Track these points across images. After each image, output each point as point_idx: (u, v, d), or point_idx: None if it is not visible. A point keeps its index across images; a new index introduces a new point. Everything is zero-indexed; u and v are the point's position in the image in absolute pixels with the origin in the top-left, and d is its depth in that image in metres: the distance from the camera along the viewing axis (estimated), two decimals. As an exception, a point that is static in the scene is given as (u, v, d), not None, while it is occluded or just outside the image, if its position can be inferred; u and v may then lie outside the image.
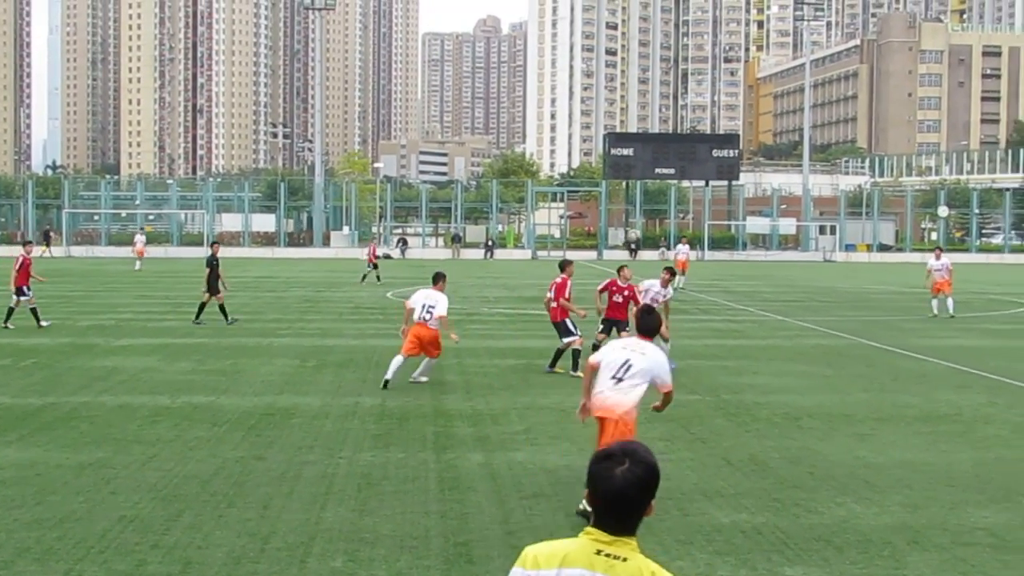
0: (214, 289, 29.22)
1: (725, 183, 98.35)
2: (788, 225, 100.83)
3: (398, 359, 18.10)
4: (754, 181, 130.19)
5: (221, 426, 14.64)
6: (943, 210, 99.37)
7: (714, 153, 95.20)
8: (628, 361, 10.55)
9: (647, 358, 10.60)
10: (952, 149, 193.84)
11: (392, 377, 17.89)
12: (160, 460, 12.57)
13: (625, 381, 10.49)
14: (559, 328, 20.01)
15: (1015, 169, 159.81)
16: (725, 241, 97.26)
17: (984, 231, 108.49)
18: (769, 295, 44.65)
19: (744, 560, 9.07)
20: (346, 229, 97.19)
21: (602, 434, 10.61)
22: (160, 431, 14.25)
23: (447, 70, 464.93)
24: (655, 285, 21.15)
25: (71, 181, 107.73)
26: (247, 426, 14.63)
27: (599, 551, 3.62)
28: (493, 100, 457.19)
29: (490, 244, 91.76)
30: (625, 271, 20.73)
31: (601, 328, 20.30)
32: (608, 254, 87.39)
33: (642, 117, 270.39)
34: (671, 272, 21.90)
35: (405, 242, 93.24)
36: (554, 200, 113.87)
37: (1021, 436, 14.92)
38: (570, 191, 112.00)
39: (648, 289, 21.05)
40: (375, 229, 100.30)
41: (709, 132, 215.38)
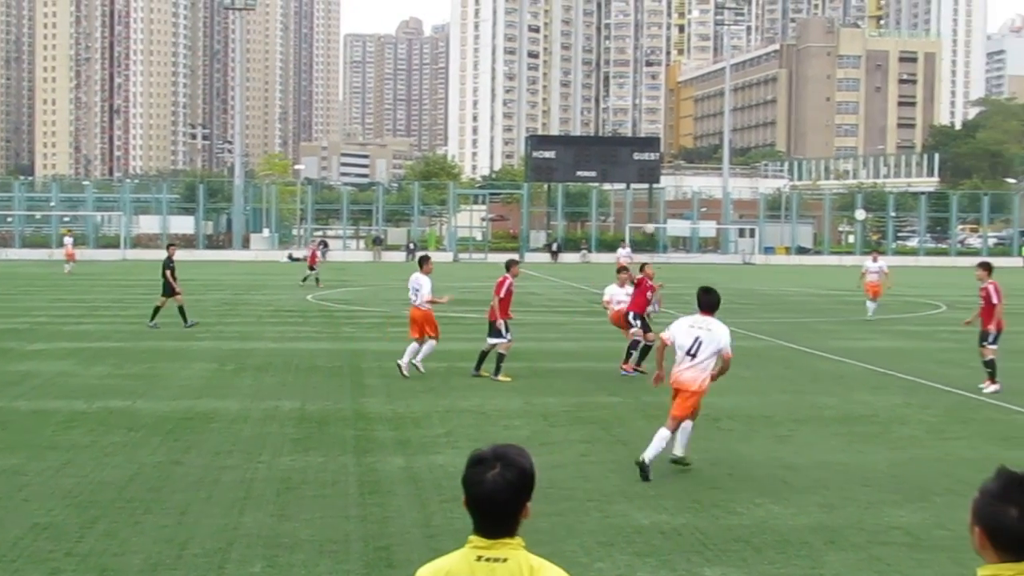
0: (169, 291, 29.03)
1: (646, 186, 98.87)
2: (708, 228, 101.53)
3: (413, 344, 19.96)
4: (675, 184, 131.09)
5: (138, 431, 14.45)
6: (860, 213, 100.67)
7: (635, 156, 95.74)
8: (698, 338, 12.11)
9: (713, 333, 12.14)
10: (869, 153, 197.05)
11: (406, 361, 19.64)
12: (75, 466, 12.38)
13: (699, 356, 12.10)
14: (491, 328, 20.11)
15: (930, 173, 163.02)
16: (646, 244, 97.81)
17: (900, 234, 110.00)
18: (689, 298, 44.77)
19: (664, 561, 9.13)
20: (266, 231, 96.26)
21: (677, 402, 12.33)
22: (75, 436, 14.04)
23: (369, 72, 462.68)
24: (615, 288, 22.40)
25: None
26: (165, 431, 14.46)
27: (479, 557, 3.60)
28: (415, 102, 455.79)
29: (412, 247, 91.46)
30: (648, 268, 21.99)
31: (639, 324, 20.92)
32: (530, 256, 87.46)
33: (564, 120, 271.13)
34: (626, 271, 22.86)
35: (326, 244, 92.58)
36: (476, 203, 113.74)
37: (935, 436, 15.17)
38: (492, 194, 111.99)
39: (612, 298, 22.34)
40: (295, 231, 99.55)
41: (630, 135, 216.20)
